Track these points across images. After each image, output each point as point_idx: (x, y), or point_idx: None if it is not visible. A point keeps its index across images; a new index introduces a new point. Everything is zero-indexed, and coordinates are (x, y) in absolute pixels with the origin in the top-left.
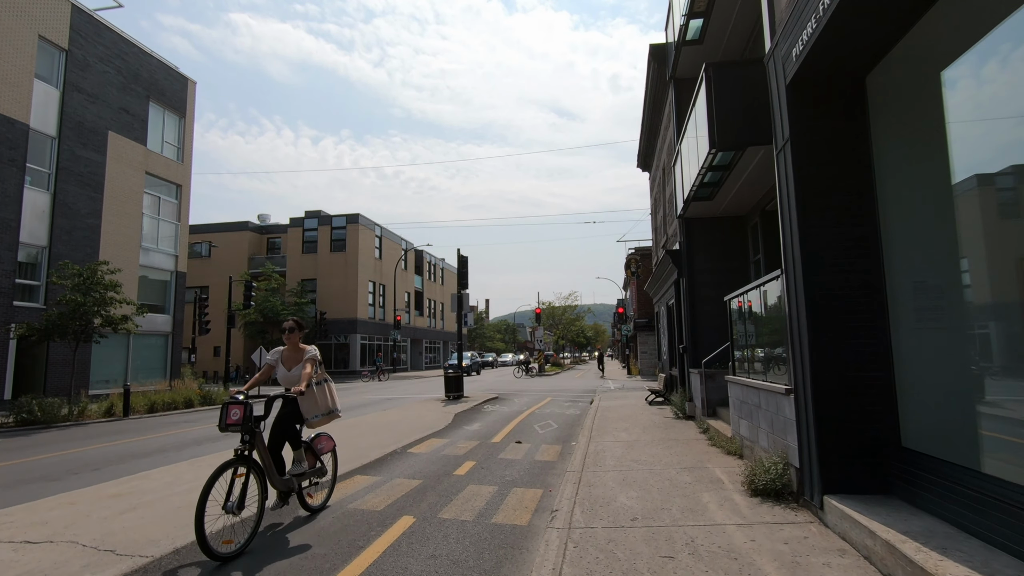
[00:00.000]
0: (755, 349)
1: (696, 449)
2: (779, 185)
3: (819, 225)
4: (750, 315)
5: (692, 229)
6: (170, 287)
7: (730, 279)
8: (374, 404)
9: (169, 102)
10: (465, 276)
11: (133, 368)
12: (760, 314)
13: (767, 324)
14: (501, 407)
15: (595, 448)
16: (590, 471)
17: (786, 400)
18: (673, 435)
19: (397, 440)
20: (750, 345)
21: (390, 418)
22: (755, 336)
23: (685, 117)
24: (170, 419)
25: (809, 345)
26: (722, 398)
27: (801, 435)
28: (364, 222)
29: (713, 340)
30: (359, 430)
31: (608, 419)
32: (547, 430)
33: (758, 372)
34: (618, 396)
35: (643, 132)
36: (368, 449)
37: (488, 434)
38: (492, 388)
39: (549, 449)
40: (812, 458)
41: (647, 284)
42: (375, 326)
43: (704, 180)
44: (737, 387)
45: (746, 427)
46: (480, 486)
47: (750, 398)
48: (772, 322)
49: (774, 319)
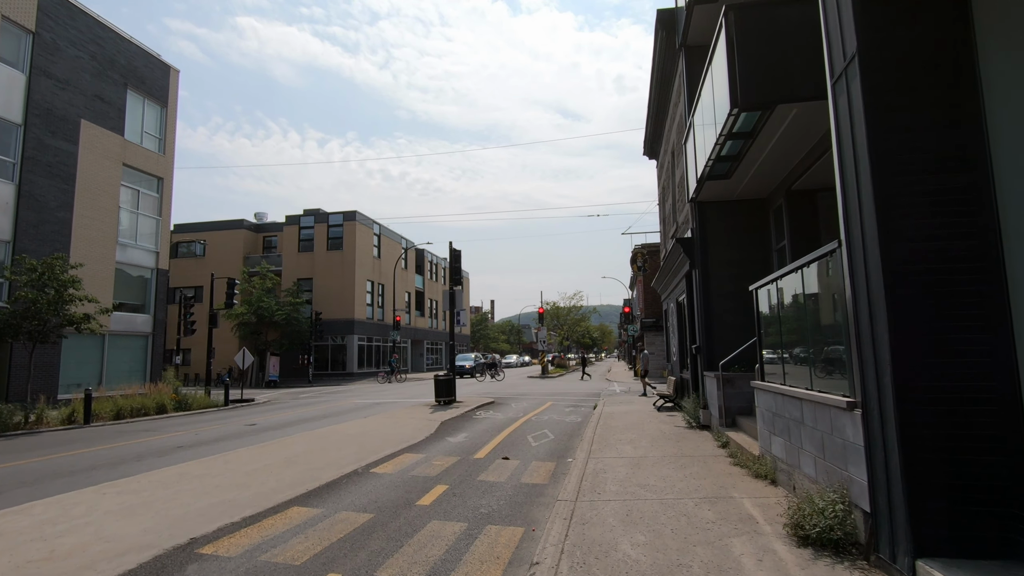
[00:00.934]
0: (794, 349)
1: (716, 470)
2: (836, 127)
3: (903, 173)
4: (785, 306)
5: (706, 215)
6: (150, 285)
7: (749, 270)
8: (359, 410)
9: (149, 91)
10: (458, 271)
11: (109, 371)
12: (802, 304)
13: (813, 316)
14: (494, 414)
15: (594, 467)
16: (586, 500)
17: (847, 417)
18: (687, 449)
19: (363, 456)
20: (787, 344)
21: (367, 427)
22: (794, 332)
23: (698, 86)
24: (134, 427)
25: (891, 343)
26: (743, 406)
27: (874, 466)
28: (362, 220)
29: (730, 339)
30: (326, 443)
31: (612, 428)
32: (541, 442)
33: (797, 377)
34: (623, 400)
35: (650, 114)
36: (324, 468)
37: (472, 447)
38: (488, 392)
39: (540, 468)
40: (895, 500)
41: (654, 280)
42: (374, 327)
43: (721, 153)
44: (768, 396)
45: (781, 446)
46: (445, 523)
47: (788, 410)
48: (821, 314)
49: (825, 310)
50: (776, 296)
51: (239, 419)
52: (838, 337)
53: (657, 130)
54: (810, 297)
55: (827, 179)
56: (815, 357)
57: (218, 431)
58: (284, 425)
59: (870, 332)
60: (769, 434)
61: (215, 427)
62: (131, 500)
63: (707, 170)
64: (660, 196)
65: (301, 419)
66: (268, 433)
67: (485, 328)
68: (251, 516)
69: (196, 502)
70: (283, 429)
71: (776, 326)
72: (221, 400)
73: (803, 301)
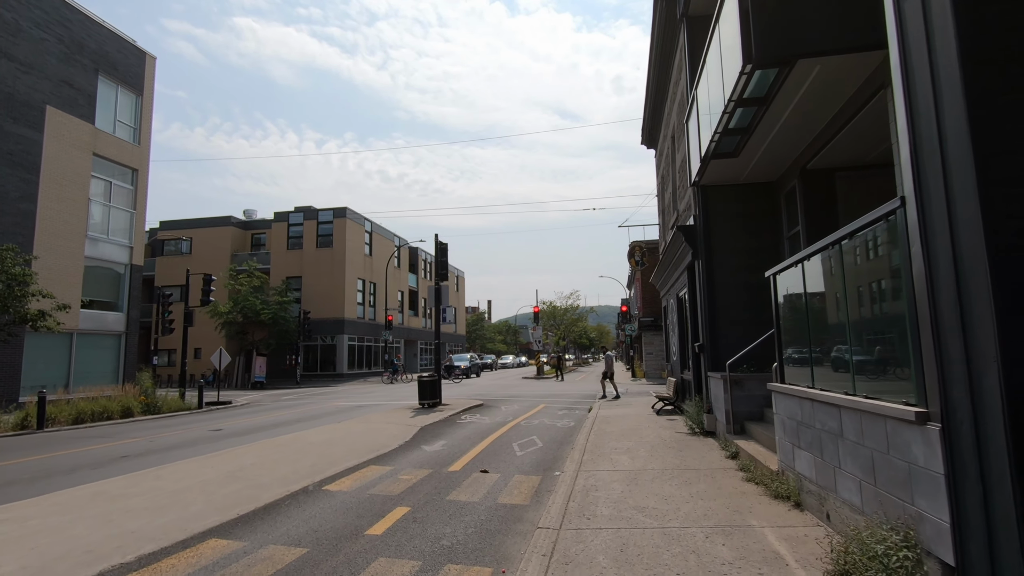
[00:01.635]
0: (827, 343)
1: (727, 487)
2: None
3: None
4: (814, 293)
5: (710, 200)
6: (124, 282)
7: (758, 260)
8: (340, 413)
9: (123, 77)
10: (444, 266)
11: (77, 372)
12: (840, 288)
13: (856, 303)
14: (481, 417)
15: (585, 483)
16: (572, 528)
17: (915, 433)
18: (691, 460)
19: (320, 469)
20: (817, 338)
21: (336, 434)
22: (828, 324)
23: (701, 55)
24: (92, 432)
25: (999, 332)
26: (753, 410)
27: (962, 504)
28: (352, 216)
29: (737, 336)
30: (284, 453)
31: (607, 434)
32: (528, 451)
33: (831, 379)
34: (621, 403)
35: (648, 98)
36: (269, 486)
37: (448, 458)
38: (480, 393)
39: (523, 483)
40: (1002, 557)
41: (653, 275)
42: (365, 326)
43: (729, 125)
44: (790, 401)
45: (809, 463)
46: (394, 561)
47: (819, 420)
48: (869, 298)
49: (874, 293)
50: (802, 281)
51: (207, 424)
52: (894, 327)
53: (656, 115)
54: (853, 278)
55: (847, 156)
56: (859, 354)
57: (177, 437)
58: (251, 431)
59: (958, 318)
60: (791, 447)
61: (176, 433)
62: (6, 533)
63: (712, 146)
64: (659, 186)
65: (273, 424)
66: (229, 440)
67: (481, 328)
68: (150, 554)
69: (90, 534)
70: (248, 435)
71: (802, 317)
72: (195, 403)
73: (841, 284)
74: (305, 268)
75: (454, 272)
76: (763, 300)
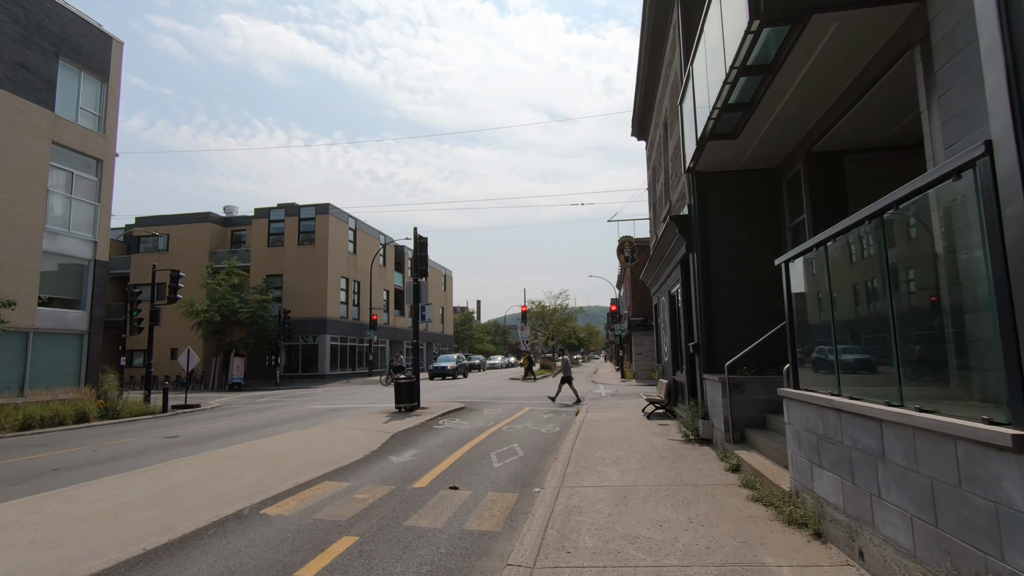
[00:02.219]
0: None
1: (732, 509)
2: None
3: None
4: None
5: (706, 188)
6: (87, 278)
7: (758, 252)
8: (312, 417)
9: (87, 63)
10: (424, 261)
11: (33, 374)
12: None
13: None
14: (460, 422)
15: (567, 503)
16: (548, 566)
17: (1008, 464)
18: (687, 474)
19: (265, 487)
20: (844, 335)
21: (298, 442)
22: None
23: (698, 28)
24: (37, 440)
25: None
26: (754, 417)
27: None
28: (335, 213)
29: (735, 335)
30: (229, 465)
31: (594, 442)
32: (506, 462)
33: (862, 384)
34: (610, 406)
35: (639, 85)
36: (196, 509)
37: (416, 471)
38: (464, 395)
39: (496, 504)
40: None
41: (643, 272)
42: (348, 326)
43: (730, 99)
44: (808, 410)
45: (833, 486)
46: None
47: (853, 435)
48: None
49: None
50: (825, 268)
51: (165, 430)
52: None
53: (647, 103)
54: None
55: (858, 137)
56: (910, 355)
57: (125, 446)
58: (209, 438)
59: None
60: (809, 464)
61: (126, 441)
62: None
63: (711, 124)
64: (650, 178)
65: (235, 430)
66: (180, 449)
67: (469, 328)
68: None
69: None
70: (203, 443)
71: (824, 311)
72: (159, 406)
73: (882, 267)
74: (287, 266)
75: (441, 271)
76: (765, 295)
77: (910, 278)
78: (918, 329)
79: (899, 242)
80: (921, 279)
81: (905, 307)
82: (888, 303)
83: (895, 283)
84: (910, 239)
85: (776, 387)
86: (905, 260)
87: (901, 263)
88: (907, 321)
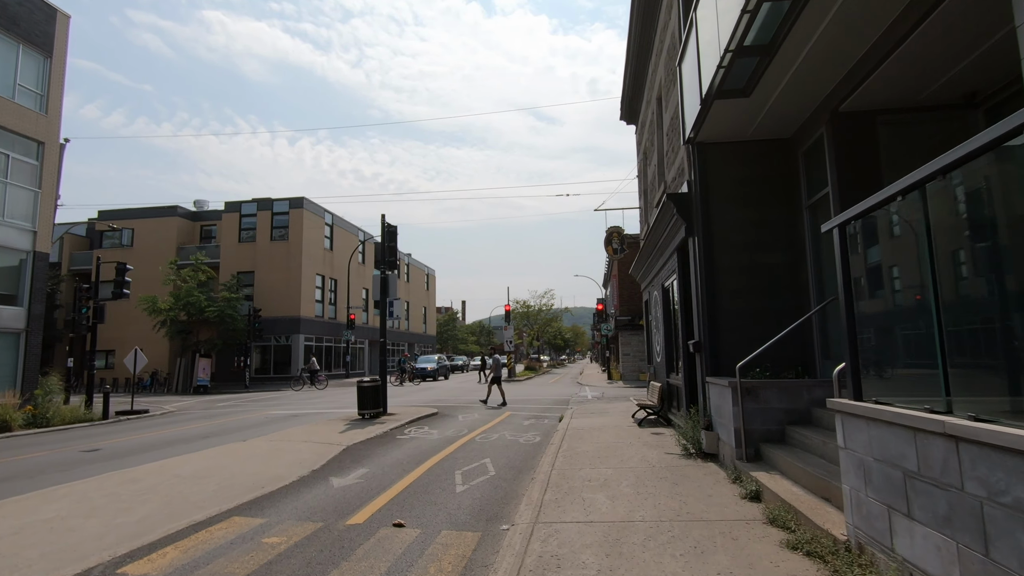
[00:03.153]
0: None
1: (763, 563)
2: None
3: None
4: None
5: (709, 161)
6: (24, 271)
7: (769, 236)
8: (268, 424)
9: (26, 36)
10: (394, 251)
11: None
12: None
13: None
14: (429, 431)
15: (542, 550)
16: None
17: None
18: (695, 504)
19: (152, 525)
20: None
21: (225, 459)
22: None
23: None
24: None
25: None
26: (772, 429)
27: None
28: (310, 207)
29: (743, 332)
30: (123, 493)
31: (579, 456)
32: (473, 483)
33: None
34: (596, 411)
35: (628, 63)
36: (31, 565)
37: (358, 499)
38: (441, 398)
39: (449, 550)
40: None
41: (633, 265)
42: (324, 325)
43: (746, 38)
44: (890, 433)
45: (942, 553)
46: None
47: (982, 476)
48: None
49: None
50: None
51: (91, 441)
52: None
53: (637, 83)
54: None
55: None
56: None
57: (29, 462)
58: (132, 452)
59: None
60: (886, 511)
61: (37, 455)
62: None
63: (720, 75)
64: (640, 164)
65: (169, 441)
66: (86, 468)
67: (453, 328)
68: None
69: None
70: (125, 458)
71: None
72: (100, 413)
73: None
74: (259, 262)
75: (424, 270)
76: (778, 285)
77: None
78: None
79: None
80: None
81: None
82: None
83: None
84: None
85: (796, 393)
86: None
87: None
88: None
